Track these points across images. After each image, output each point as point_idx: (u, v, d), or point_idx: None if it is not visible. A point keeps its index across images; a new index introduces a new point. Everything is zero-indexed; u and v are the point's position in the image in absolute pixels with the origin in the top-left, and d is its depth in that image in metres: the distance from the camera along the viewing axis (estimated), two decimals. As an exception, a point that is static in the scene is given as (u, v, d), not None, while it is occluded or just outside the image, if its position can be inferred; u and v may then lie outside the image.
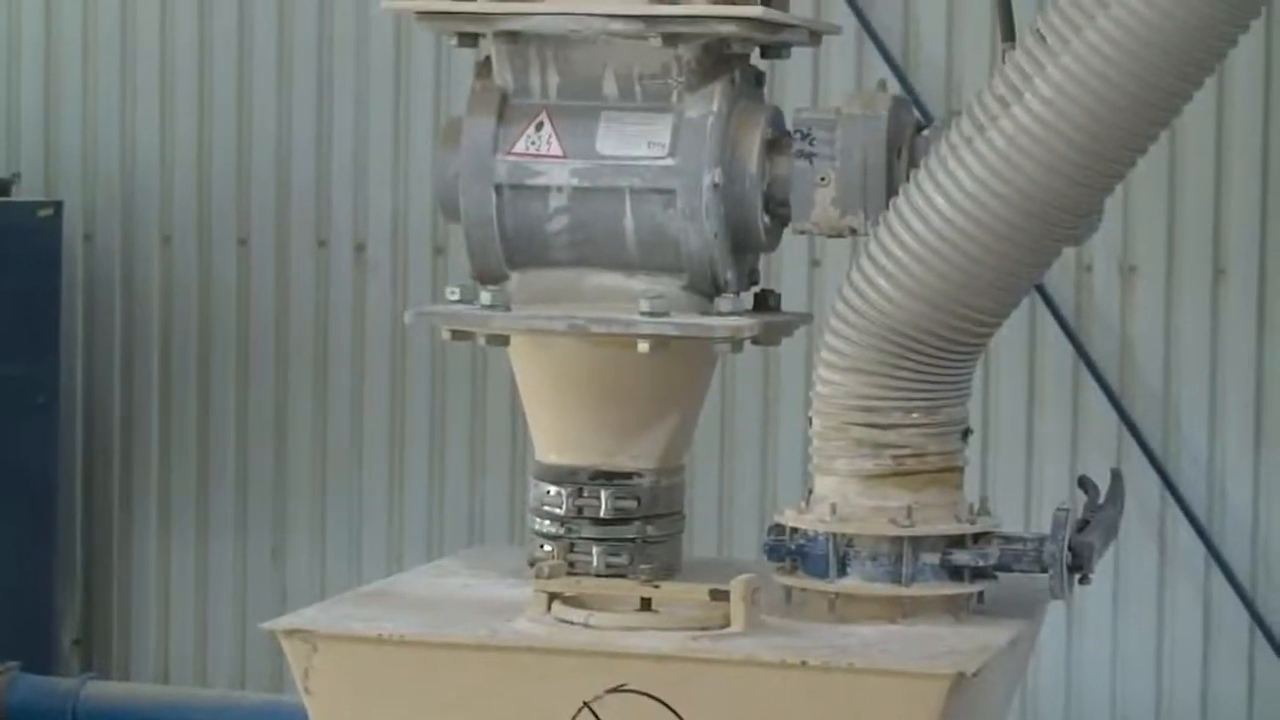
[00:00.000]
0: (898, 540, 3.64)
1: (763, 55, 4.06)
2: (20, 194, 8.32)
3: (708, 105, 3.80)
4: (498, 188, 3.82)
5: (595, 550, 3.78)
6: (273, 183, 8.41)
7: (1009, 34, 3.80)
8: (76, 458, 8.60)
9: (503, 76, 3.90)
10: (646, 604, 3.58)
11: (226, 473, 8.53)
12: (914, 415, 3.68)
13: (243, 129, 8.38)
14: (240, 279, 8.51)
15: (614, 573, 3.76)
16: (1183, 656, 7.80)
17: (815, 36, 4.18)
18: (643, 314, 3.71)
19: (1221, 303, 7.78)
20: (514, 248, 3.84)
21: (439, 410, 8.29)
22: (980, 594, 3.73)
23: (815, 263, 7.70)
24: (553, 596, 3.58)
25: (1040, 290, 7.39)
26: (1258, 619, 7.68)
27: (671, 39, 3.75)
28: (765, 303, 4.01)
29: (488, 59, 3.93)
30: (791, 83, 7.20)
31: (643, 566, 3.73)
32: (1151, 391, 7.80)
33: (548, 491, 3.85)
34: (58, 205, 8.28)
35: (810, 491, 3.75)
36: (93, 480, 8.67)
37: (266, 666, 8.24)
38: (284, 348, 8.46)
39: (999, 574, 3.72)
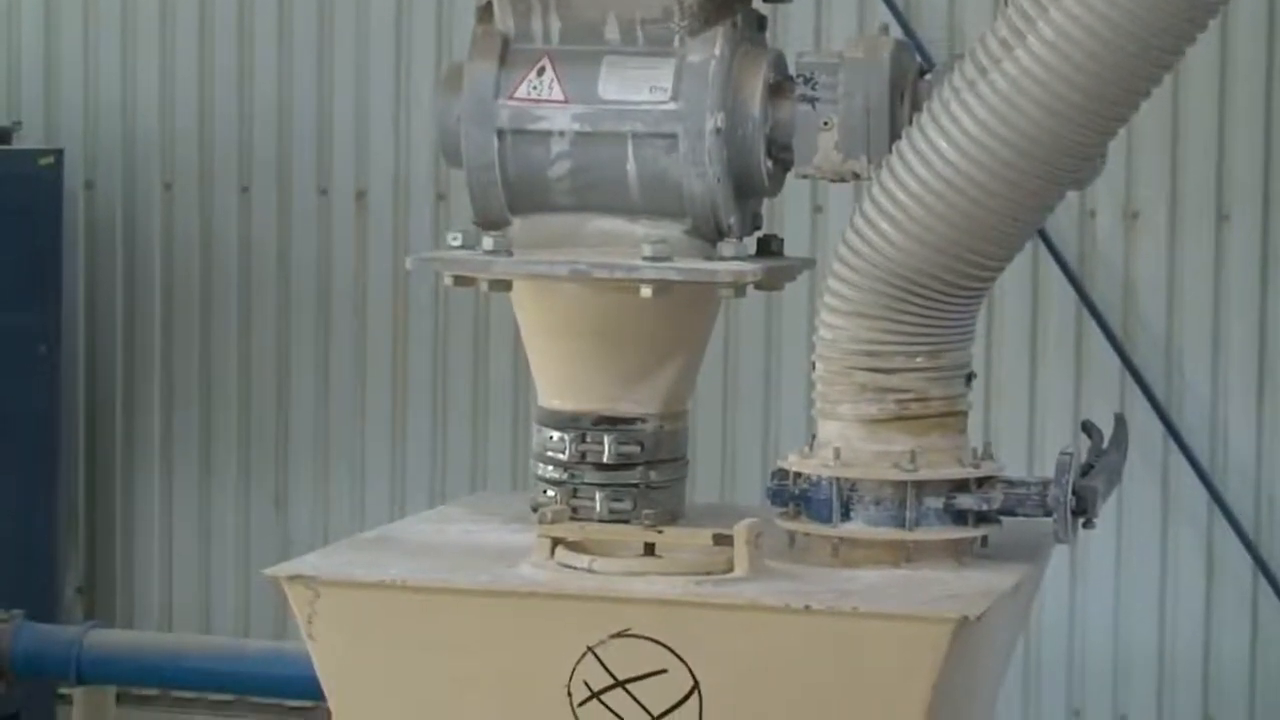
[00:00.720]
0: (901, 485, 3.65)
1: (765, -1, 4.07)
2: (21, 142, 8.32)
3: (710, 49, 3.79)
4: (499, 133, 3.82)
5: (598, 496, 3.78)
6: (274, 130, 8.41)
7: None
8: (79, 407, 8.61)
9: (504, 21, 3.89)
10: (650, 549, 3.58)
11: (229, 421, 8.54)
12: (917, 359, 3.68)
13: (243, 75, 8.39)
14: (241, 226, 8.51)
15: (617, 518, 3.77)
16: (1185, 602, 7.82)
17: (818, -20, 4.19)
18: (645, 259, 3.71)
19: (1225, 248, 7.78)
20: (516, 193, 3.84)
21: (441, 357, 8.30)
22: (984, 538, 3.74)
23: (818, 209, 7.70)
24: (556, 542, 3.59)
25: (1043, 236, 7.40)
26: (1261, 564, 7.70)
27: (674, -18, 3.76)
28: (768, 247, 4.01)
29: (489, 4, 3.92)
30: (794, 27, 7.21)
31: (646, 512, 3.73)
32: (1154, 337, 7.80)
33: (551, 437, 3.86)
34: (58, 153, 8.28)
35: (813, 436, 3.75)
36: (95, 429, 8.68)
37: (270, 614, 8.27)
38: (286, 295, 8.46)
39: (1003, 518, 3.72)
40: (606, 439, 3.80)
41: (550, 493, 3.85)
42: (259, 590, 8.26)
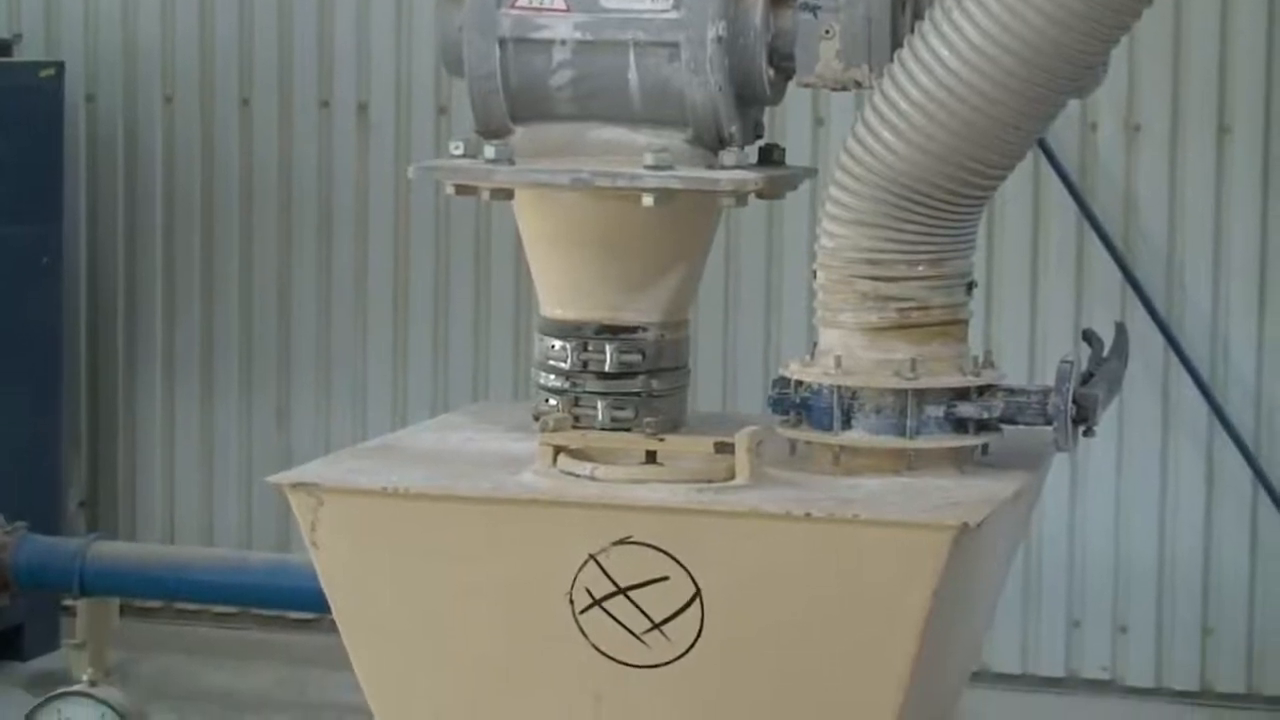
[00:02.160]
0: (902, 393, 3.66)
1: (767, -93, 4.05)
2: (22, 54, 8.31)
3: (712, -43, 3.79)
4: (501, 41, 3.82)
5: (600, 404, 3.79)
6: (275, 41, 8.40)
7: None
8: (81, 319, 8.62)
9: (507, -70, 3.90)
10: (651, 457, 3.60)
11: (231, 333, 8.55)
12: (919, 268, 3.68)
13: (244, -16, 8.41)
14: (243, 139, 8.51)
15: (619, 426, 3.78)
16: (1185, 513, 7.83)
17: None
18: (647, 167, 3.71)
19: (1226, 160, 7.78)
20: (518, 102, 3.84)
21: (443, 267, 8.30)
22: (985, 446, 3.75)
23: (820, 121, 7.69)
24: (558, 450, 3.60)
25: (1044, 147, 7.39)
26: (1260, 476, 7.71)
27: (676, -112, 3.75)
28: (769, 156, 4.01)
29: (492, -87, 3.92)
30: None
31: (648, 420, 3.74)
32: (1155, 249, 7.80)
33: (553, 346, 3.87)
34: (59, 65, 8.27)
35: (815, 345, 3.76)
36: (97, 342, 8.68)
37: (272, 527, 8.29)
38: (287, 208, 8.46)
39: (1003, 426, 3.73)
40: (608, 347, 3.81)
41: (552, 401, 3.86)
42: (261, 503, 8.28)
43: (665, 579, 3.44)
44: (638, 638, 3.46)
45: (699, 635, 3.43)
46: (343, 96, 8.37)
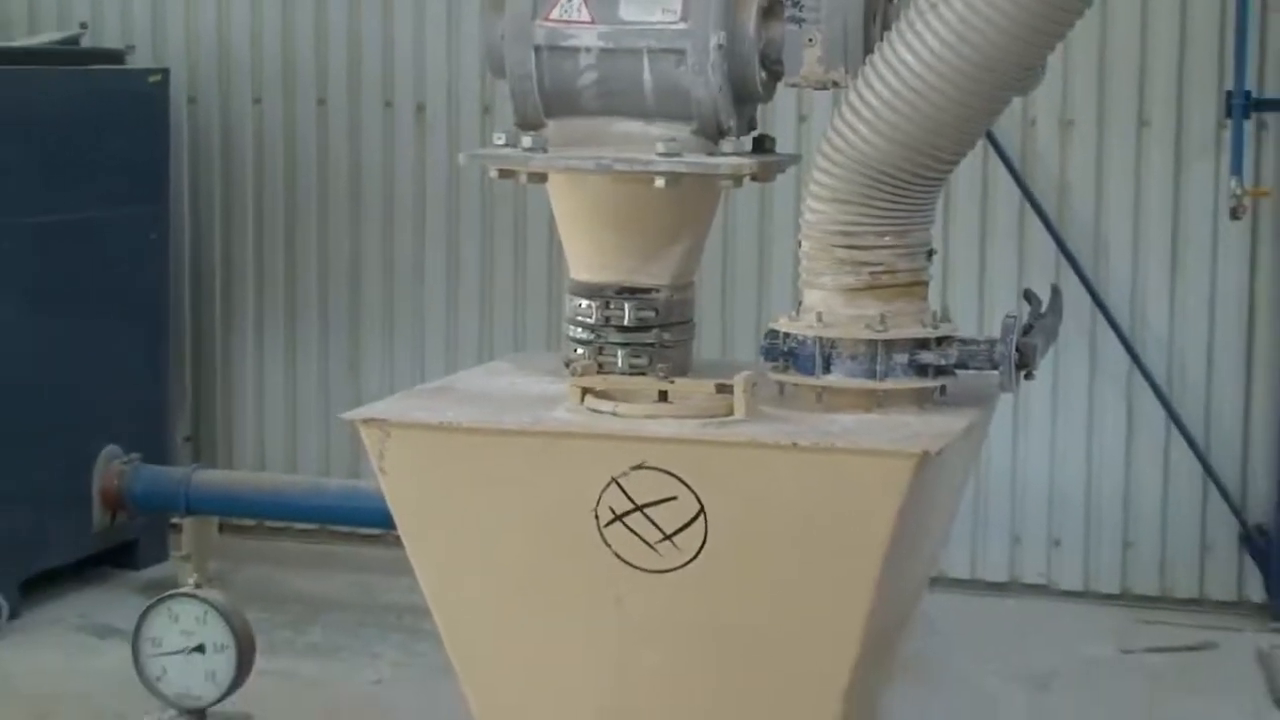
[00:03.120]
0: (873, 343, 3.65)
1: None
2: (133, 63, 8.32)
3: (712, -22, 3.78)
4: (536, 49, 3.81)
5: (620, 353, 3.79)
6: (345, 51, 8.41)
7: None
8: (184, 285, 8.63)
9: (540, -44, 3.89)
10: (663, 396, 3.60)
11: (310, 296, 8.56)
12: (887, 238, 3.68)
13: (320, 3, 8.39)
14: (319, 135, 8.51)
15: (636, 371, 3.78)
16: (1109, 445, 7.84)
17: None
18: (659, 155, 3.71)
19: (1144, 150, 7.76)
20: (550, 99, 3.84)
21: (487, 240, 8.31)
22: (942, 388, 3.75)
23: (803, 118, 7.69)
24: (585, 391, 3.60)
25: (992, 139, 7.38)
26: (1171, 413, 7.71)
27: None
28: (762, 145, 4.01)
29: (526, -61, 3.91)
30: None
31: (660, 366, 3.74)
32: (1085, 226, 7.79)
33: (580, 305, 3.86)
34: (165, 72, 8.26)
35: (800, 303, 3.76)
36: (198, 304, 8.70)
37: (345, 457, 8.31)
38: (357, 191, 8.47)
39: (957, 371, 3.73)
40: (627, 306, 3.80)
41: (580, 351, 3.86)
42: (337, 437, 8.29)
43: (675, 498, 3.44)
44: (652, 547, 3.46)
45: (703, 545, 3.44)
46: (403, 98, 8.37)
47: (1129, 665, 7.22)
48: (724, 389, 3.54)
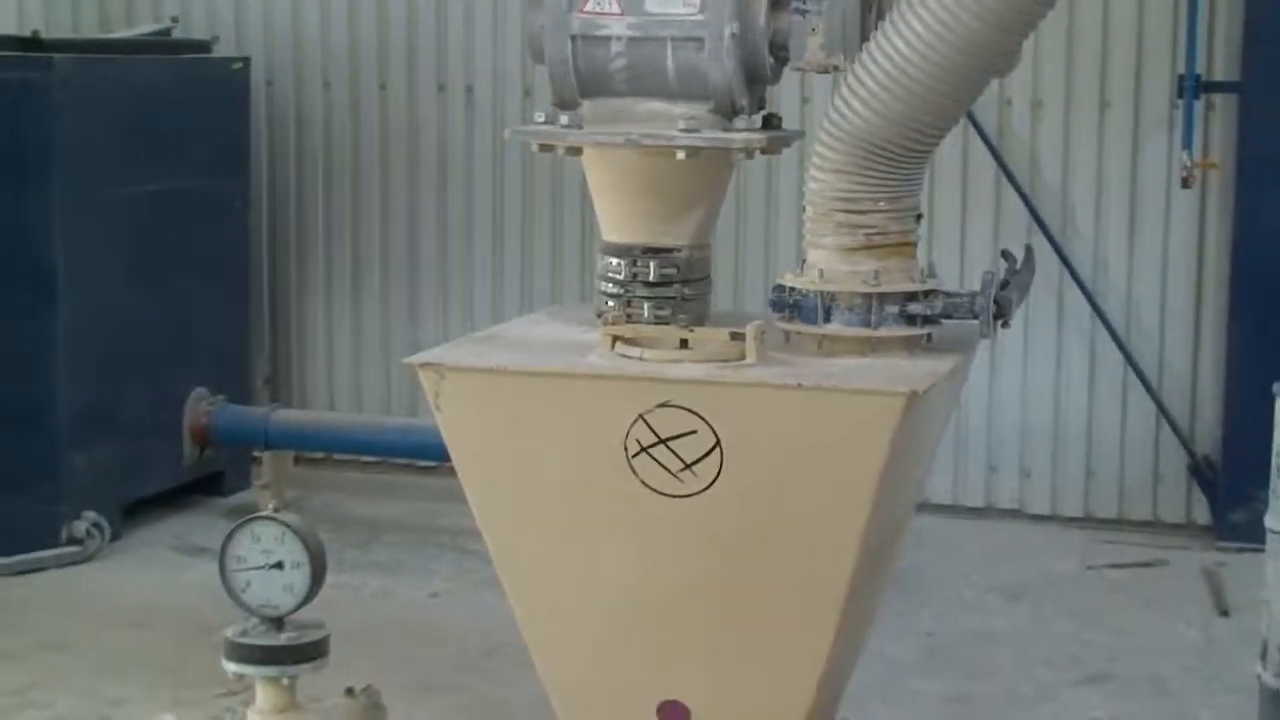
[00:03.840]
0: (868, 295, 3.65)
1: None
2: (219, 52, 8.31)
3: (727, -23, 3.77)
4: (573, 38, 3.80)
5: (646, 305, 3.78)
6: (405, 41, 8.41)
7: None
8: (264, 247, 8.64)
9: (575, -45, 3.87)
10: (684, 343, 3.59)
11: (373, 256, 8.57)
12: (880, 204, 3.67)
13: None
14: (381, 114, 8.52)
15: (660, 321, 3.77)
16: (1073, 385, 7.84)
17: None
18: (680, 131, 3.70)
19: (1106, 128, 7.75)
20: (585, 82, 3.82)
21: (528, 207, 8.31)
22: (929, 335, 3.74)
23: (806, 99, 7.67)
24: (615, 338, 3.60)
25: (972, 119, 7.37)
26: (1129, 358, 7.70)
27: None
28: (770, 123, 3.99)
29: (563, -60, 3.90)
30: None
31: (681, 316, 3.74)
32: (1053, 194, 7.78)
33: (611, 263, 3.85)
34: (246, 60, 8.26)
35: (803, 261, 3.75)
36: (275, 263, 8.71)
37: (405, 398, 8.33)
38: (414, 165, 8.47)
39: (942, 320, 3.72)
40: (652, 264, 3.79)
41: (610, 303, 3.85)
42: (398, 380, 8.31)
43: (694, 432, 3.44)
44: (674, 475, 3.46)
45: (719, 473, 3.44)
46: (454, 81, 8.37)
47: (1091, 579, 7.23)
48: (737, 336, 3.53)
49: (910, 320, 3.68)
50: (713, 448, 3.44)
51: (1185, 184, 7.43)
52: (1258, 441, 4.86)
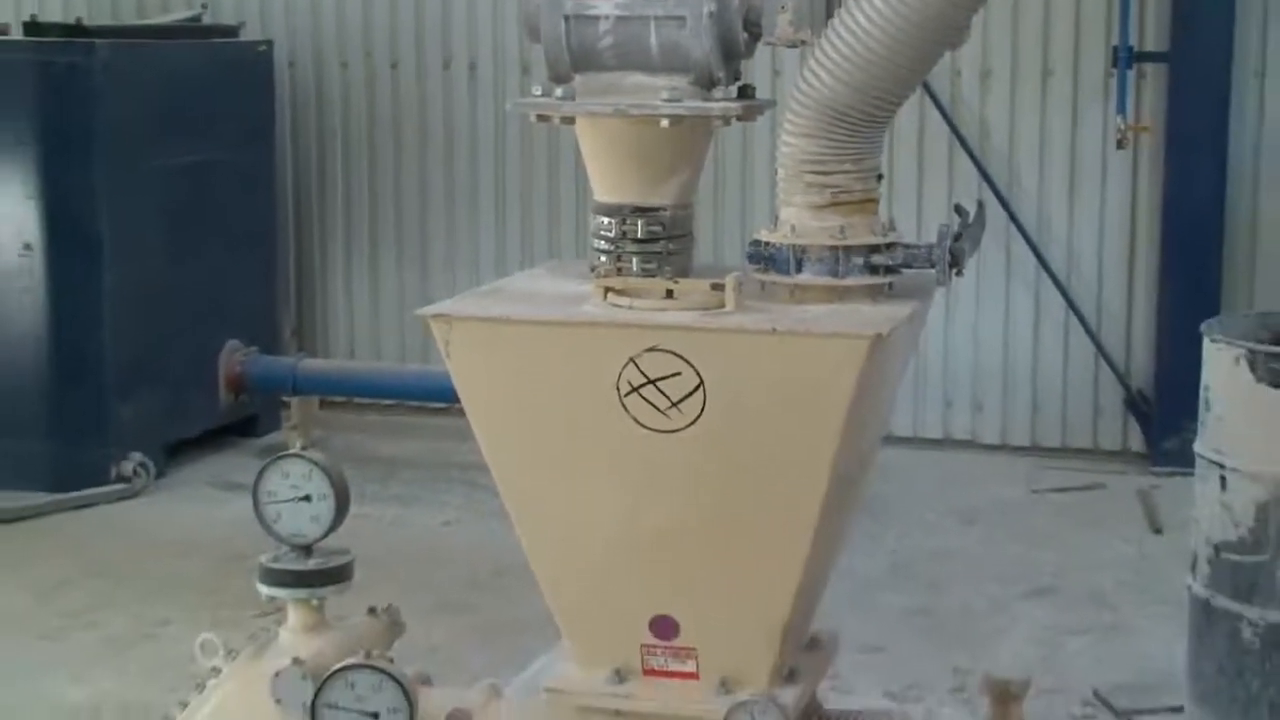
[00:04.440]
0: (835, 248, 3.61)
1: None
2: (245, 36, 8.28)
3: (705, -41, 3.73)
4: (565, 17, 3.75)
5: (635, 260, 3.75)
6: (413, 24, 8.41)
7: None
8: (288, 212, 8.64)
9: (566, -62, 3.83)
10: (669, 293, 3.57)
11: (388, 220, 8.56)
12: (845, 165, 3.63)
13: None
14: (393, 90, 8.51)
15: (647, 274, 3.74)
16: (1020, 329, 7.86)
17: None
18: (664, 101, 3.66)
19: (1048, 94, 7.75)
20: (577, 58, 3.78)
21: (527, 172, 8.31)
22: (890, 284, 3.71)
23: (777, 72, 7.64)
24: (608, 289, 3.58)
25: (926, 88, 7.36)
26: (1071, 305, 7.72)
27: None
28: (745, 93, 3.94)
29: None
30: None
31: (666, 269, 3.71)
32: (1001, 155, 7.78)
33: (603, 221, 3.82)
34: (270, 43, 8.24)
35: (777, 218, 3.72)
36: (299, 227, 8.70)
37: (418, 347, 8.33)
38: (423, 136, 8.46)
39: (902, 270, 3.70)
40: (639, 222, 3.76)
41: (603, 258, 3.82)
42: (411, 330, 8.32)
43: (679, 373, 3.43)
44: (662, 412, 3.44)
45: (702, 410, 3.42)
46: (458, 60, 8.36)
47: (1037, 502, 7.25)
48: (717, 287, 3.51)
49: (873, 270, 3.65)
50: (696, 387, 3.43)
51: (1120, 145, 7.44)
52: (1187, 377, 4.88)
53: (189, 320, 7.61)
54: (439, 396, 7.27)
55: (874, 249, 3.64)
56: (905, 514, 6.93)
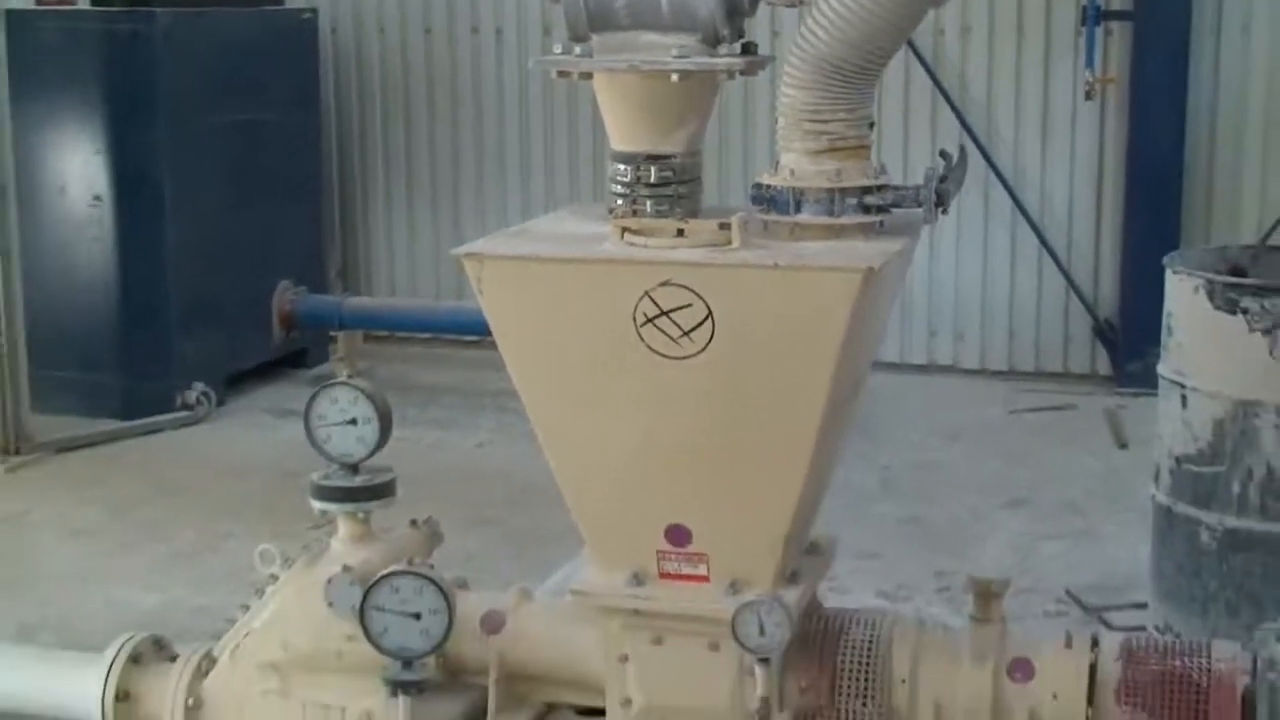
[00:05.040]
0: (831, 190, 3.58)
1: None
2: (291, 4, 8.23)
3: (711, -76, 3.67)
4: (582, -19, 3.72)
5: (648, 202, 3.71)
6: (444, -7, 8.34)
7: None
8: (333, 165, 8.62)
9: (582, -92, 3.78)
10: (680, 232, 3.54)
11: (424, 172, 8.53)
12: (840, 114, 3.59)
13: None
14: (426, 54, 8.46)
15: (660, 215, 3.71)
16: (998, 265, 7.83)
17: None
18: (674, 58, 3.62)
19: (1023, 49, 7.69)
20: (594, 18, 3.74)
21: (549, 124, 8.27)
22: (882, 222, 3.68)
23: (775, 32, 7.58)
24: (624, 230, 3.55)
25: (911, 45, 7.29)
26: (1044, 242, 7.69)
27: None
28: (747, 50, 3.89)
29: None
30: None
31: (677, 210, 3.67)
32: (979, 106, 7.72)
33: (619, 168, 3.78)
34: (314, 10, 8.20)
35: (777, 162, 3.68)
36: (343, 179, 8.68)
37: (452, 284, 8.32)
38: (454, 94, 8.41)
39: (892, 209, 3.67)
40: (652, 168, 3.72)
41: (619, 201, 3.79)
42: (446, 269, 8.31)
43: (690, 305, 3.40)
44: (674, 341, 3.42)
45: (711, 339, 3.40)
46: (486, 24, 8.31)
47: (1014, 421, 7.23)
48: (724, 226, 3.47)
49: (866, 210, 3.61)
50: (705, 318, 3.40)
51: (1088, 96, 7.39)
52: (1149, 306, 4.86)
53: (244, 263, 7.60)
54: (472, 330, 7.26)
55: (866, 190, 3.60)
56: (894, 433, 6.92)
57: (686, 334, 3.40)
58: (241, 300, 7.60)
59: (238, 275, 7.56)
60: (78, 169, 7.15)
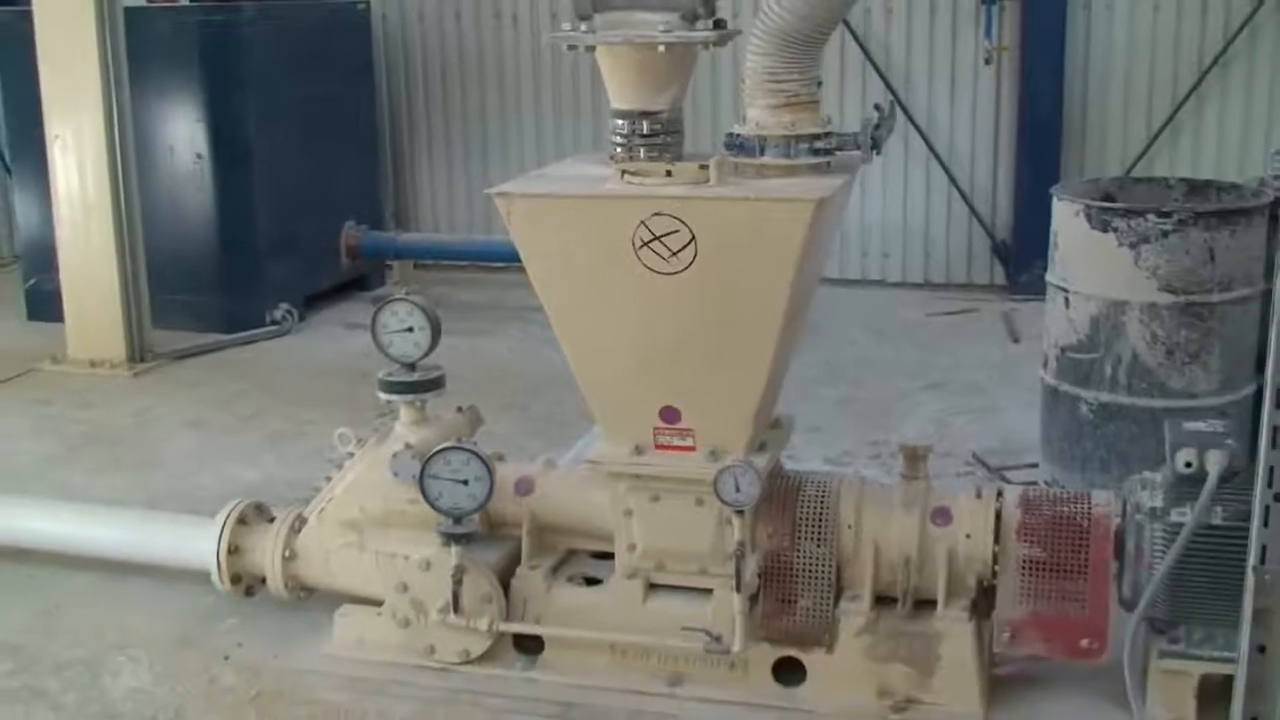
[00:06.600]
0: (789, 137, 3.52)
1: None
2: (348, -2, 8.08)
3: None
4: (586, -29, 3.62)
5: (642, 150, 3.66)
6: (472, -16, 8.17)
7: None
8: (386, 126, 8.49)
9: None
10: (668, 173, 3.48)
11: (457, 135, 8.41)
12: (794, 76, 3.53)
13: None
14: (458, 38, 8.31)
15: (651, 159, 3.65)
16: (915, 197, 7.75)
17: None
18: (660, 32, 3.54)
19: (935, 23, 7.59)
20: (595, 1, 3.66)
21: (559, 90, 8.13)
22: (829, 163, 3.62)
23: (735, 14, 7.44)
24: (624, 171, 3.49)
25: (845, 22, 7.16)
26: (951, 179, 7.61)
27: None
28: (719, 25, 3.82)
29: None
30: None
31: (665, 155, 3.61)
32: (900, 69, 7.62)
33: (618, 123, 3.72)
34: (367, 2, 8.04)
35: (744, 116, 3.62)
36: (395, 138, 8.56)
37: (484, 221, 8.23)
38: (481, 73, 8.27)
39: (836, 152, 3.60)
40: (644, 122, 3.66)
41: (618, 149, 3.73)
42: (483, 207, 8.22)
43: (677, 231, 3.35)
44: (664, 260, 3.38)
45: (694, 258, 3.36)
46: (505, 10, 8.15)
47: (929, 322, 7.19)
48: (704, 167, 3.42)
49: (816, 153, 3.56)
50: (689, 241, 3.36)
51: (987, 62, 7.30)
52: (1037, 227, 4.82)
53: (316, 206, 7.53)
54: (502, 258, 7.20)
55: (816, 137, 3.54)
56: (834, 332, 6.89)
57: (674, 254, 3.36)
58: (315, 235, 7.53)
59: (312, 216, 7.49)
60: (183, 133, 7.07)
